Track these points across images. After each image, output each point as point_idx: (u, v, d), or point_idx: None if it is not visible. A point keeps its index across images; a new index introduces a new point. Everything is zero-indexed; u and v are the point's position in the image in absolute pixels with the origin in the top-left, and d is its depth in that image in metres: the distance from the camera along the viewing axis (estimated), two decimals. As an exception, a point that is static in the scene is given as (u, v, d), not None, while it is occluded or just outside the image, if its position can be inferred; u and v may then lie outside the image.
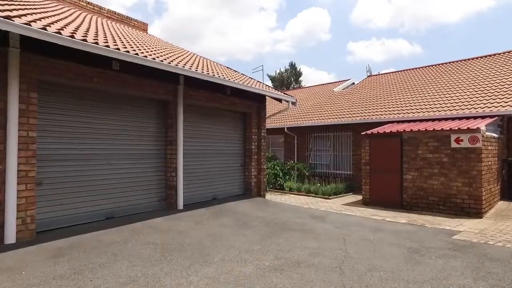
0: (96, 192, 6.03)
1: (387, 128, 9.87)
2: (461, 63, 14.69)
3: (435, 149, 8.29)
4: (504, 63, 12.73)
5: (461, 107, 10.15)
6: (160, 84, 6.87)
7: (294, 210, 7.88)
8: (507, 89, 10.28)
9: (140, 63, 5.54)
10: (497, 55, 13.91)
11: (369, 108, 13.35)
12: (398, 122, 11.08)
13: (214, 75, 7.07)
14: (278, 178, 13.41)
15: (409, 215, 7.96)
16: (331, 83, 20.94)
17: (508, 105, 9.26)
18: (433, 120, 10.22)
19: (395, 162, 9.05)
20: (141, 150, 6.87)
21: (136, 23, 12.76)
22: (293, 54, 71.45)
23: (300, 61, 78.64)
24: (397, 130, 9.06)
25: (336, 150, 14.11)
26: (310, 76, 62.74)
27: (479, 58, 14.28)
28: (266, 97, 9.79)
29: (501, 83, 10.93)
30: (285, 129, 15.42)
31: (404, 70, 17.31)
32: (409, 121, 10.80)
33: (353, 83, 19.92)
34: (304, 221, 6.70)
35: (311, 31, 72.34)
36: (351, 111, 13.90)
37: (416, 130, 8.65)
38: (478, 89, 11.15)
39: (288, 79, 47.89)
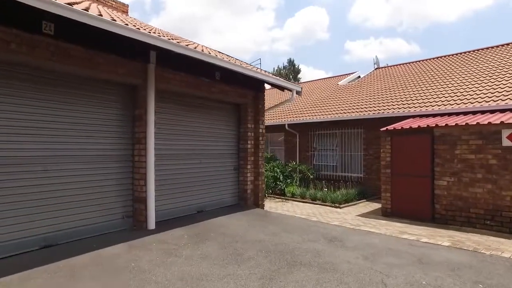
0: (25, 210, 4.24)
1: (413, 123, 8.14)
2: (484, 51, 12.97)
3: (479, 148, 6.55)
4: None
5: (500, 98, 8.42)
6: (122, 61, 5.07)
7: (302, 228, 6.11)
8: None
9: (88, 23, 3.74)
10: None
11: (383, 101, 11.61)
12: (421, 116, 9.35)
13: (196, 48, 5.28)
14: (278, 182, 11.65)
15: (448, 233, 6.24)
16: (335, 76, 19.20)
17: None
18: (465, 113, 8.49)
19: (424, 164, 7.32)
20: (97, 150, 5.08)
21: (114, 3, 10.92)
22: (291, 53, 70.09)
23: (298, 60, 77.32)
24: (428, 125, 7.32)
25: (344, 149, 12.36)
26: (308, 75, 61.41)
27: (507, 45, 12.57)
28: (265, 85, 8.03)
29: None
30: (286, 126, 13.66)
31: (415, 62, 15.56)
32: (434, 115, 9.07)
33: (359, 77, 18.19)
34: (317, 246, 4.93)
35: (309, 30, 70.92)
36: (361, 105, 12.15)
37: (453, 124, 6.91)
38: (514, 78, 9.43)
39: (286, 76, 46.33)
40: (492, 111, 8.08)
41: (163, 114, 6.01)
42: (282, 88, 7.69)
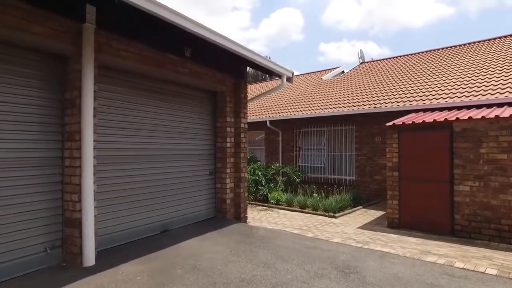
0: None
1: (425, 117, 6.90)
2: (483, 43, 12.15)
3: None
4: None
5: (515, 89, 7.38)
6: (40, 14, 3.35)
7: (301, 252, 4.63)
8: None
9: None
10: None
11: (377, 95, 10.40)
12: (424, 110, 8.17)
13: None
14: (259, 187, 10.16)
15: (481, 252, 4.99)
16: (318, 71, 17.99)
17: None
18: (477, 106, 7.38)
19: (441, 166, 6.09)
20: (4, 152, 3.34)
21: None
22: (266, 54, 69.19)
23: (274, 60, 76.23)
24: (446, 119, 6.08)
25: (333, 149, 11.07)
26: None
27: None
28: (248, 70, 6.50)
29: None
30: (268, 122, 12.19)
31: (401, 56, 14.61)
32: (441, 109, 7.92)
33: (343, 72, 17.10)
34: (331, 285, 3.46)
35: (284, 31, 70.33)
36: (352, 99, 10.90)
37: (479, 117, 5.70)
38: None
39: (262, 75, 45.00)
40: (504, 104, 7.04)
41: (109, 100, 4.32)
42: (270, 73, 6.20)
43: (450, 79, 9.43)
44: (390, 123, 6.70)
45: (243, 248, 4.60)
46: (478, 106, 7.33)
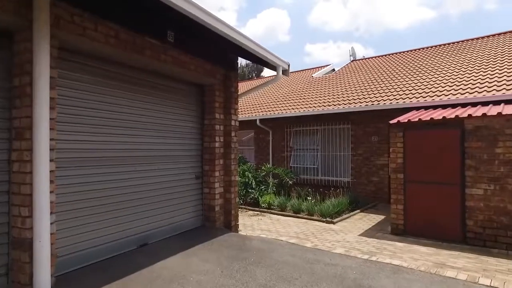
0: None
1: (433, 113, 6.37)
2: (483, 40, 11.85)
3: (532, 145, 4.89)
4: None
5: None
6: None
7: (304, 269, 3.98)
8: None
9: None
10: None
11: (373, 92, 9.86)
12: (426, 108, 7.67)
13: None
14: (249, 190, 9.48)
15: (502, 264, 4.46)
16: (308, 69, 17.43)
17: None
18: (483, 103, 6.91)
19: (450, 167, 5.57)
20: None
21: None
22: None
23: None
24: (456, 116, 5.56)
25: (327, 149, 10.49)
26: (270, 75, 60.20)
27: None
28: (239, 60, 5.82)
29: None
30: (257, 121, 11.52)
31: (395, 53, 14.20)
32: (444, 106, 7.43)
33: (333, 70, 16.62)
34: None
35: (270, 31, 69.96)
36: (347, 96, 10.34)
37: (495, 114, 5.19)
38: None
39: (249, 74, 44.44)
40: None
41: (75, 91, 3.55)
42: (264, 64, 5.51)
43: (449, 76, 9.00)
44: (394, 121, 6.14)
45: (237, 266, 3.91)
46: (484, 103, 6.87)
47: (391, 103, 8.46)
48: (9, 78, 3.02)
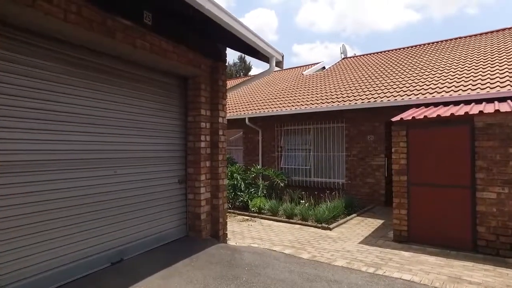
0: None
1: (439, 110, 5.91)
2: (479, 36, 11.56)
3: (550, 144, 4.45)
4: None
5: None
6: None
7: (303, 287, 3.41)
8: None
9: None
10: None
11: (368, 89, 9.39)
12: (427, 105, 7.22)
13: None
14: (239, 193, 8.89)
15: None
16: (298, 66, 16.93)
17: None
18: (488, 100, 6.51)
19: (459, 168, 5.10)
20: None
21: None
22: (240, 53, 68.00)
23: (248, 60, 75.99)
24: (466, 112, 5.09)
25: (319, 149, 9.98)
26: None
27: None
28: (227, 51, 5.20)
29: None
30: (246, 120, 10.92)
31: (387, 51, 13.82)
32: (446, 103, 7.01)
33: (324, 68, 16.16)
34: None
35: (259, 31, 69.71)
36: (341, 93, 9.85)
37: (509, 110, 4.74)
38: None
39: (237, 73, 43.83)
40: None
41: (22, 78, 2.87)
42: (255, 54, 4.92)
43: (447, 72, 8.61)
44: (397, 118, 5.64)
45: (226, 287, 3.30)
46: (489, 100, 6.47)
47: (388, 100, 8.00)
48: None
